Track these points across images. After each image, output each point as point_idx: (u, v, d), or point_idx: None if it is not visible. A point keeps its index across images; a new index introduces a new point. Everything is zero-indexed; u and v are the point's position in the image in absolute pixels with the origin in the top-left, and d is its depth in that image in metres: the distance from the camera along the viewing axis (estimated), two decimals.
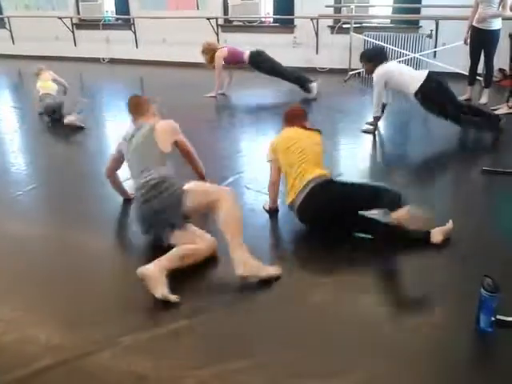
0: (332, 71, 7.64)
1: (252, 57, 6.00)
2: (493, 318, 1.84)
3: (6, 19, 10.23)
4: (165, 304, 2.08)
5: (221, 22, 8.49)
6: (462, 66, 6.14)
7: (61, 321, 2.02)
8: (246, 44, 7.98)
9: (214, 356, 1.78)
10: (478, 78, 5.71)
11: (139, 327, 1.93)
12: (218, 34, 8.43)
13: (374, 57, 4.40)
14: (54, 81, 5.52)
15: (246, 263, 2.19)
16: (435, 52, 6.97)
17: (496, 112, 5.04)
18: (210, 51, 6.06)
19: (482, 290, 1.83)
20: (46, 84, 5.37)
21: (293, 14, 7.89)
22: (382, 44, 7.09)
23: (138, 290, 2.21)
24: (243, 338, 1.89)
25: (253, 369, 1.72)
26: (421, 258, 2.44)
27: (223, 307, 2.08)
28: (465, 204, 3.11)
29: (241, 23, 8.51)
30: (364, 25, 7.57)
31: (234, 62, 6.08)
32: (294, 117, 2.94)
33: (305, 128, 2.87)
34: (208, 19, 8.20)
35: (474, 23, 5.28)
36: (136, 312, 2.05)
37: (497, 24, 5.17)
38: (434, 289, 2.18)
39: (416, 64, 7.07)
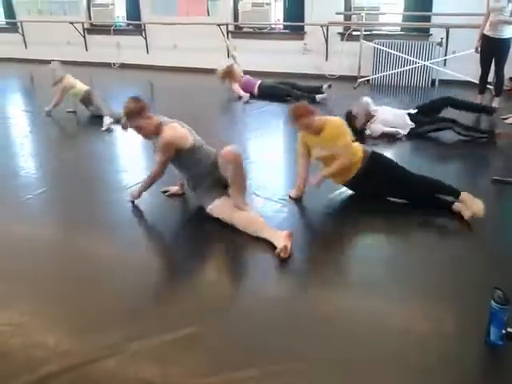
0: (341, 78, 7.63)
1: (262, 82, 6.55)
2: (503, 331, 1.82)
3: (18, 24, 10.36)
4: (173, 311, 2.09)
5: (231, 28, 8.52)
6: (472, 74, 6.11)
7: (69, 326, 2.03)
8: (256, 52, 8.06)
9: (224, 364, 1.78)
10: (488, 86, 5.68)
11: (147, 334, 1.93)
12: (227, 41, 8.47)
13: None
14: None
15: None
16: (445, 60, 6.95)
17: (506, 121, 5.02)
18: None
19: (493, 302, 1.81)
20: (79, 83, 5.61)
21: (303, 21, 7.90)
22: (392, 51, 7.09)
23: (146, 296, 2.22)
24: (253, 347, 1.88)
25: (262, 377, 1.71)
26: (431, 269, 2.42)
27: (233, 315, 2.07)
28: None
29: (251, 30, 8.54)
30: (374, 32, 7.57)
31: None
32: (299, 116, 3.02)
33: (315, 133, 3.04)
34: (218, 25, 8.25)
35: (485, 31, 5.26)
36: (144, 318, 2.05)
37: (508, 32, 5.16)
38: (444, 300, 2.16)
39: (426, 72, 7.06)
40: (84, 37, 9.77)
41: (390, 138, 4.48)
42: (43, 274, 2.43)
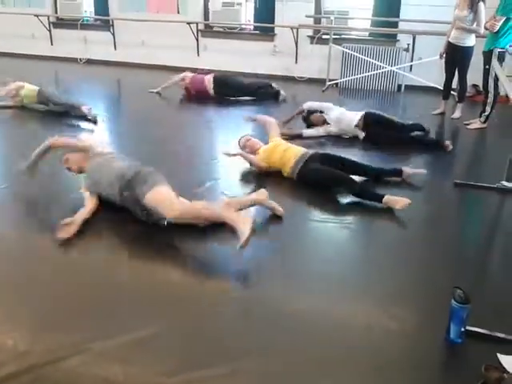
0: (310, 81, 7.71)
1: (215, 77, 6.39)
2: (462, 329, 1.87)
3: None
4: (134, 310, 2.05)
5: (201, 27, 8.48)
6: (437, 80, 6.27)
7: (28, 326, 1.96)
8: (226, 52, 8.04)
9: (188, 363, 1.76)
10: (452, 92, 5.85)
11: (109, 333, 1.89)
12: (197, 40, 8.41)
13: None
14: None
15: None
16: (411, 66, 7.11)
17: (468, 127, 5.19)
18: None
19: (453, 301, 1.86)
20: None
21: (273, 23, 7.94)
22: (360, 56, 7.21)
23: (106, 296, 2.18)
24: (218, 345, 1.87)
25: (227, 376, 1.71)
26: (392, 268, 2.47)
27: (198, 313, 2.06)
28: (436, 216, 3.17)
29: (221, 29, 8.51)
30: (343, 36, 7.67)
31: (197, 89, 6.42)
32: None
33: None
34: (188, 24, 8.18)
35: (450, 39, 5.42)
36: (106, 318, 2.01)
37: (470, 41, 5.33)
38: (404, 299, 2.21)
39: (393, 77, 7.21)
40: (49, 30, 9.50)
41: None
42: (0, 272, 2.35)
